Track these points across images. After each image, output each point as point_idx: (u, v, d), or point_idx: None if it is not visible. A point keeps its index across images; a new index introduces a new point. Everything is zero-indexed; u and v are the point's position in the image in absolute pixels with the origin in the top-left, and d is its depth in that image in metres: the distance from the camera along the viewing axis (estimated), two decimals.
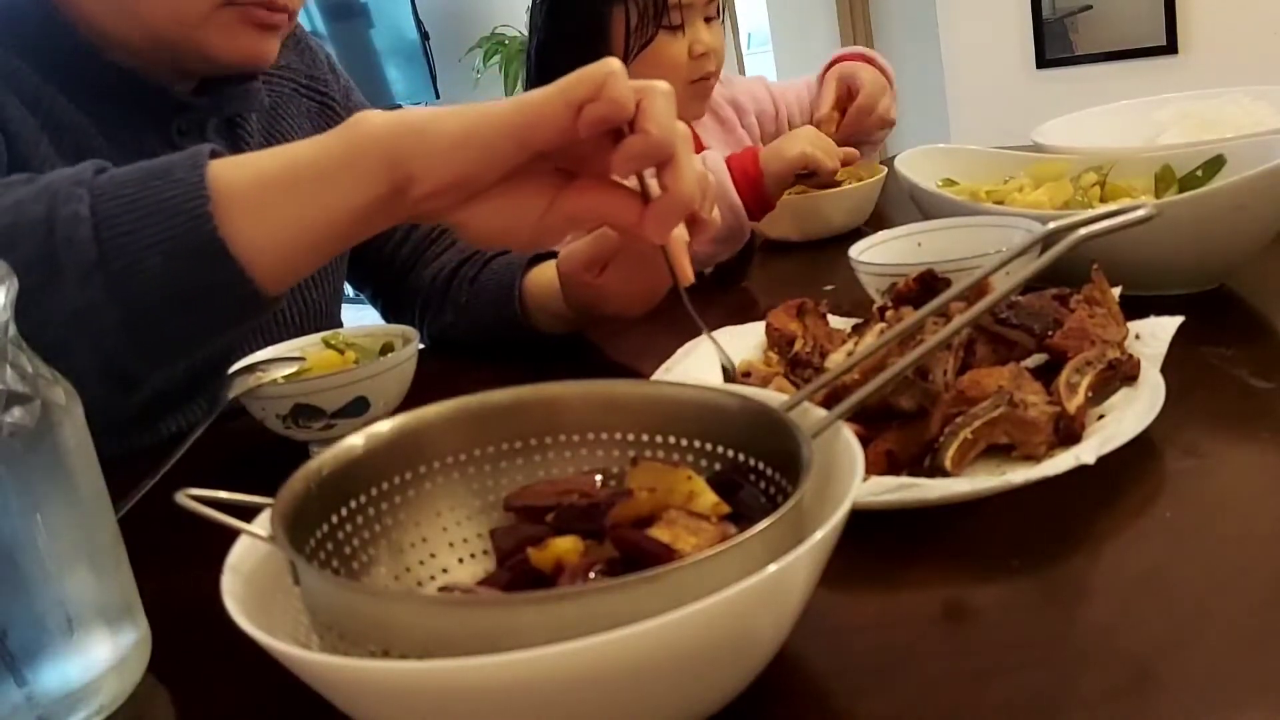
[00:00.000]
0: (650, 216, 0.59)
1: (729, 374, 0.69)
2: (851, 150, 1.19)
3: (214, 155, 0.59)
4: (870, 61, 1.42)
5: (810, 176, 1.14)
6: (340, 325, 1.06)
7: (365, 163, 0.57)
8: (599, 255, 0.83)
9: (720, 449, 0.52)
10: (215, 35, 0.82)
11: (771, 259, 1.18)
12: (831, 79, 1.41)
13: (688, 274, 0.65)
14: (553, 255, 0.93)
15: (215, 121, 0.93)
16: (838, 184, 1.22)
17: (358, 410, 0.76)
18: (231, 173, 0.57)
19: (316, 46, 1.08)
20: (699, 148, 1.29)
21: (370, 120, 0.58)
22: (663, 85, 0.58)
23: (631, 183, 0.61)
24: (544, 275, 0.93)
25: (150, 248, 0.55)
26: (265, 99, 0.95)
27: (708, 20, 1.33)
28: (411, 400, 0.78)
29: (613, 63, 0.56)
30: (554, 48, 1.33)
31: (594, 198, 0.61)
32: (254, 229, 0.57)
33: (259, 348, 0.85)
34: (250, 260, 0.57)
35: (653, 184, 0.60)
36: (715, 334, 0.79)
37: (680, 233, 0.64)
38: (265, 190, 0.57)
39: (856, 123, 1.37)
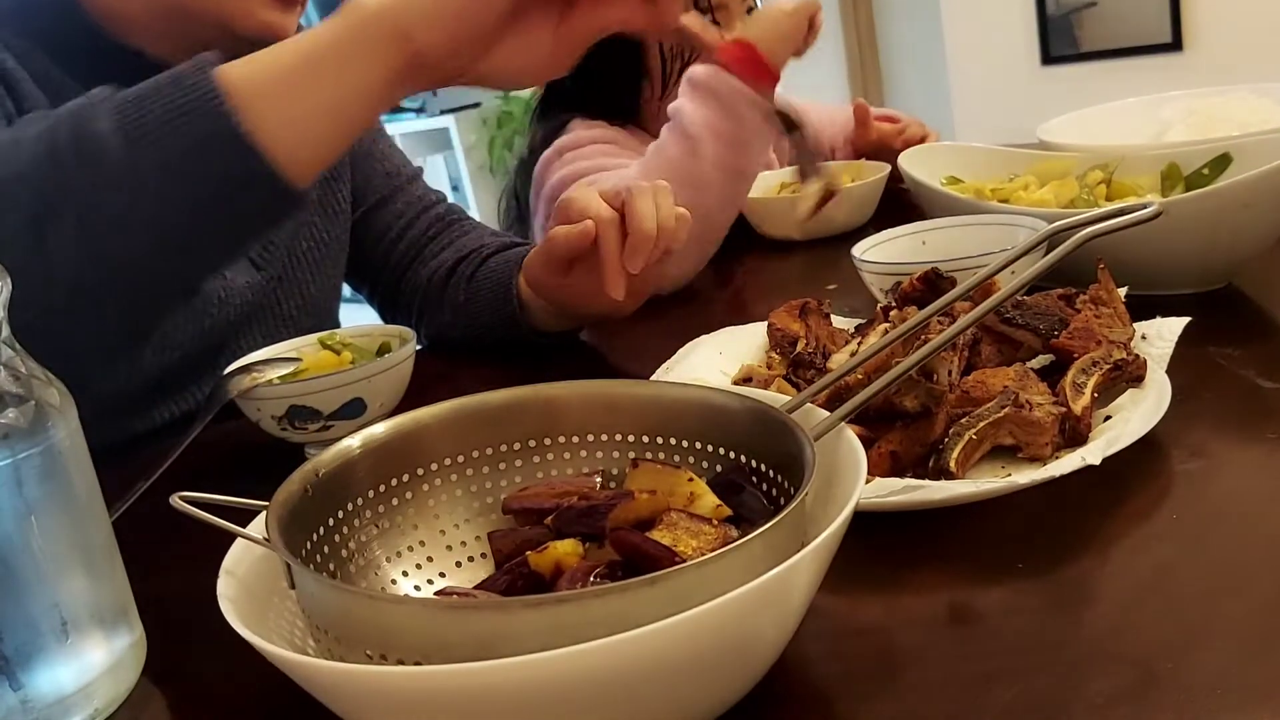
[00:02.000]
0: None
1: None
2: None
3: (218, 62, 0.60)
4: (895, 120, 1.45)
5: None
6: (338, 323, 1.06)
7: (373, 38, 0.59)
8: (551, 259, 0.84)
9: (721, 450, 0.51)
10: (236, 5, 0.82)
11: (773, 258, 1.18)
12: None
13: None
14: None
15: None
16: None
17: (354, 411, 0.75)
18: (242, 69, 0.59)
19: None
20: None
21: (365, 2, 0.60)
22: None
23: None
24: None
25: (179, 153, 0.56)
26: None
27: (749, 13, 1.30)
28: (409, 401, 0.77)
29: None
30: (578, 77, 1.33)
31: (599, 10, 0.64)
32: (276, 118, 0.58)
33: (261, 344, 0.85)
34: (276, 151, 0.58)
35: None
36: (715, 335, 0.78)
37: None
38: (280, 80, 0.59)
39: (892, 136, 1.38)
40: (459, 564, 0.52)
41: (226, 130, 0.56)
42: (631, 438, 0.53)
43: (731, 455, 0.51)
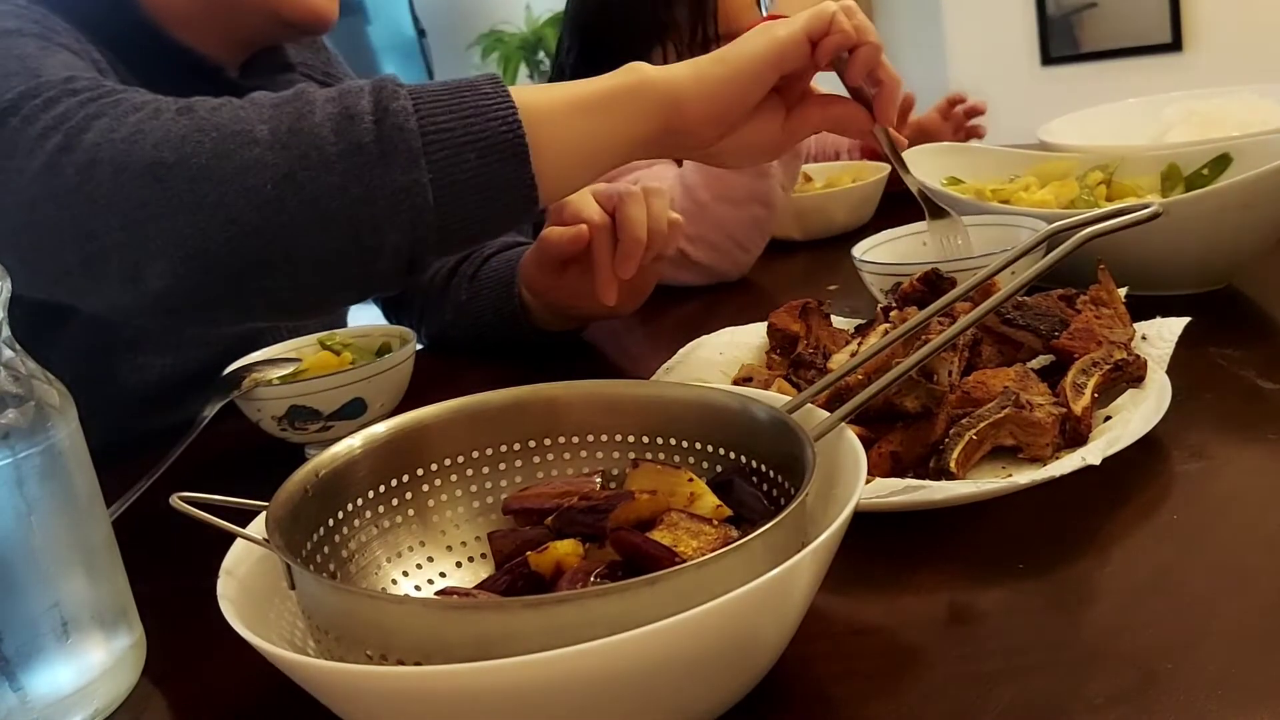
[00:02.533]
0: (877, 102, 0.75)
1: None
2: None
3: None
4: None
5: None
6: (345, 323, 1.06)
7: (647, 99, 0.66)
8: (544, 260, 0.86)
9: (722, 451, 0.51)
10: None
11: (774, 258, 1.17)
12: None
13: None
14: None
15: None
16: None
17: (354, 412, 0.75)
18: (528, 94, 0.64)
19: (327, 44, 1.08)
20: None
21: (647, 68, 0.67)
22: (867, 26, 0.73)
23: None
24: None
25: (468, 144, 0.60)
26: None
27: None
28: (409, 401, 0.77)
29: (831, 6, 0.71)
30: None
31: (828, 109, 0.75)
32: (549, 141, 0.63)
33: (281, 338, 0.85)
34: (540, 168, 0.62)
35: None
36: (716, 335, 0.78)
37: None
38: (562, 111, 0.64)
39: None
40: (459, 564, 0.52)
41: (514, 136, 0.61)
42: (631, 438, 0.53)
43: (731, 455, 0.51)
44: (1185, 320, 0.65)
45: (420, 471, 0.52)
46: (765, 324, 0.78)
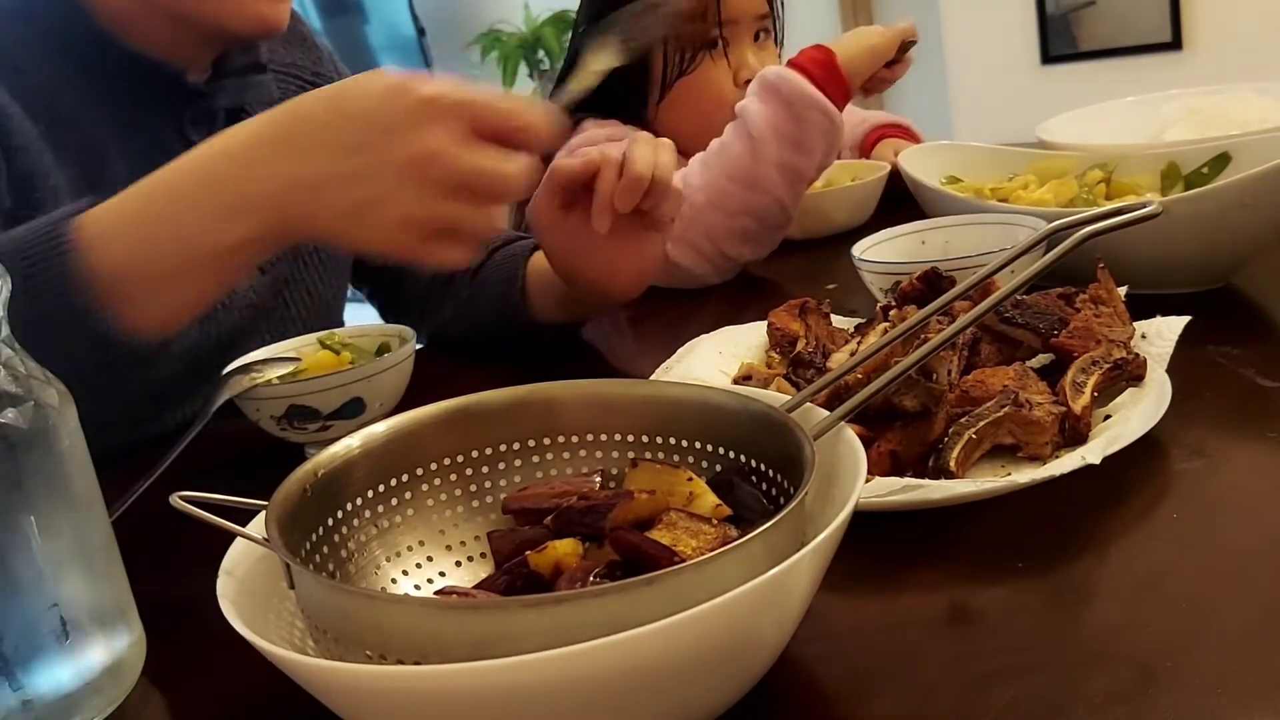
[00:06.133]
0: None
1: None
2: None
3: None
4: (906, 130, 1.43)
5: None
6: (343, 323, 1.06)
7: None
8: (551, 187, 0.84)
9: (721, 450, 0.51)
10: (227, 1, 0.82)
11: (773, 258, 1.17)
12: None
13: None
14: None
15: (225, 113, 0.93)
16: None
17: (354, 411, 0.75)
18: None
19: (321, 43, 1.08)
20: None
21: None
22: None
23: None
24: (544, 260, 0.93)
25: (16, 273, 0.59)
26: (276, 93, 0.96)
27: (757, 39, 1.27)
28: (408, 401, 0.77)
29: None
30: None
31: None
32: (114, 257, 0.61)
33: (268, 343, 0.85)
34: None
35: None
36: (715, 334, 0.78)
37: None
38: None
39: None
40: (459, 564, 0.52)
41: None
42: (631, 438, 0.53)
43: (731, 455, 0.51)
44: (1185, 319, 0.65)
45: (419, 471, 0.52)
46: (764, 323, 0.78)
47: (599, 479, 0.52)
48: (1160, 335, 0.64)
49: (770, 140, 1.02)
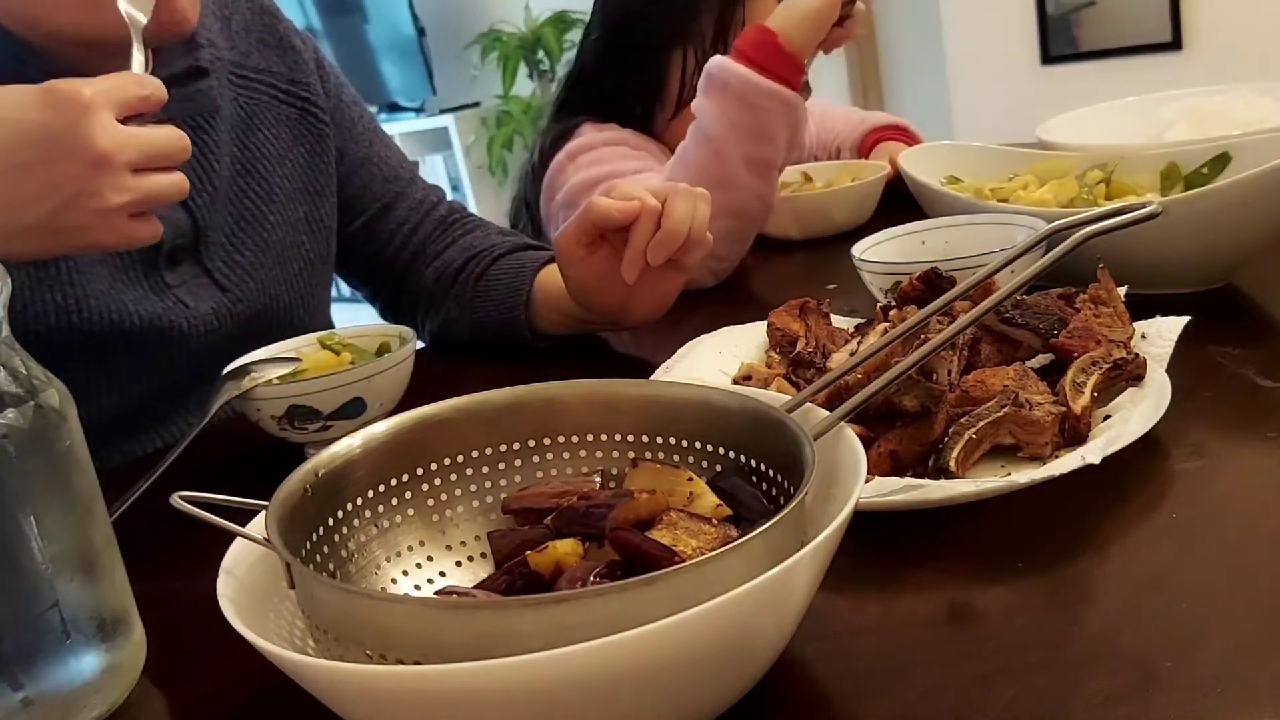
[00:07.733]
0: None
1: None
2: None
3: None
4: (905, 132, 1.43)
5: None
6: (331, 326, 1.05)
7: None
8: (584, 224, 0.84)
9: (721, 450, 0.51)
10: (31, 11, 0.77)
11: (773, 258, 1.18)
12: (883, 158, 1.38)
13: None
14: None
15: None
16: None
17: (354, 411, 0.75)
18: None
19: (303, 44, 1.02)
20: None
21: None
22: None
23: None
24: (556, 274, 0.93)
25: None
26: (224, 101, 0.91)
27: None
28: (409, 401, 0.77)
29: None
30: (598, 81, 1.33)
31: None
32: None
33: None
34: None
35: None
36: (715, 334, 0.78)
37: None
38: None
39: None
40: (459, 564, 0.52)
41: None
42: (631, 437, 0.53)
43: (731, 455, 0.51)
44: (1185, 319, 0.65)
45: (419, 471, 0.52)
46: (765, 323, 0.78)
47: (599, 479, 0.52)
48: (1160, 335, 0.64)
49: (729, 138, 1.00)
